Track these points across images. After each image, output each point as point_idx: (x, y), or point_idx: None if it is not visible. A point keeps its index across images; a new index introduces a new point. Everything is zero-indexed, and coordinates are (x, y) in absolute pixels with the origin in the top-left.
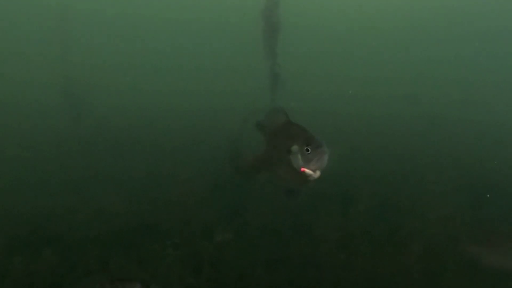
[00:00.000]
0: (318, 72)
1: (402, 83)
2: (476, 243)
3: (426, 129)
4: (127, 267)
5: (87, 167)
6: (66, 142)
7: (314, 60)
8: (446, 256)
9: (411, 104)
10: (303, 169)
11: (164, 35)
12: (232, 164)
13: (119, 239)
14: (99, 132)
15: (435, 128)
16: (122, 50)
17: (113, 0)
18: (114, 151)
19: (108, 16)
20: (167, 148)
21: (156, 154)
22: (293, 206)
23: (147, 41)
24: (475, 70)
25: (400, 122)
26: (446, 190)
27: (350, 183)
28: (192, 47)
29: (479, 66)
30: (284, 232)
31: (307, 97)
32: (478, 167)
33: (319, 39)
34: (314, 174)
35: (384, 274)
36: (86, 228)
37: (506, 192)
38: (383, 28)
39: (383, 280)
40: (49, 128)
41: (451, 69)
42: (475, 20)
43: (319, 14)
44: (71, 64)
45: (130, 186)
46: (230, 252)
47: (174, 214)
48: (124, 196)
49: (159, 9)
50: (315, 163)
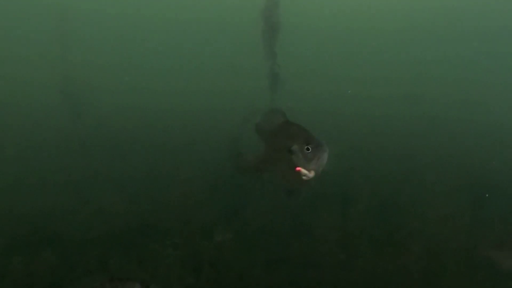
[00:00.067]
0: (318, 72)
1: (402, 83)
2: (492, 247)
3: (426, 129)
4: (127, 267)
5: (87, 167)
6: (66, 142)
7: (313, 60)
8: (446, 256)
9: (411, 104)
10: (298, 168)
11: (164, 35)
12: (234, 163)
13: (119, 239)
14: (99, 132)
15: (435, 128)
16: (122, 50)
17: (113, 0)
18: (114, 151)
19: (108, 16)
20: (167, 148)
21: (156, 154)
22: (293, 206)
23: (147, 41)
24: (475, 70)
25: (400, 122)
26: (446, 190)
27: (350, 183)
28: (192, 47)
29: (479, 66)
30: (284, 232)
31: (306, 97)
32: (478, 167)
33: (318, 39)
34: (309, 174)
35: (384, 274)
36: (86, 228)
37: (505, 192)
38: (383, 28)
39: (383, 280)
40: (49, 128)
41: (451, 69)
42: (475, 20)
43: (319, 14)
44: (71, 64)
45: (130, 186)
46: (230, 252)
47: (174, 214)
48: (124, 196)
49: (159, 9)
50: (315, 162)
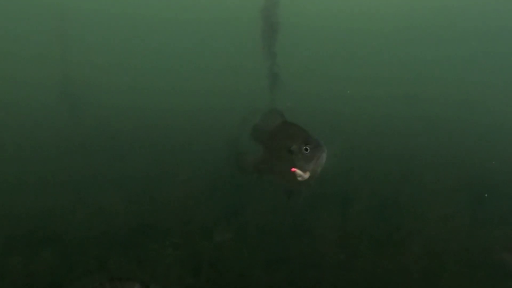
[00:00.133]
0: (317, 72)
1: (402, 83)
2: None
3: (426, 129)
4: (126, 267)
5: (87, 167)
6: (65, 142)
7: (313, 60)
8: (446, 256)
9: (411, 104)
10: (294, 169)
11: (164, 35)
12: (233, 164)
13: (118, 239)
14: (98, 132)
15: (435, 128)
16: (121, 50)
17: (113, 0)
18: (114, 151)
19: (108, 16)
20: (166, 148)
21: (155, 154)
22: (293, 206)
23: (147, 41)
24: (475, 70)
25: (400, 122)
26: (445, 190)
27: (350, 183)
28: (192, 47)
29: (479, 66)
30: (284, 232)
31: (306, 97)
32: (478, 167)
33: (318, 39)
34: (304, 175)
35: (384, 274)
36: (86, 228)
37: (505, 192)
38: (383, 28)
39: (383, 280)
40: (48, 128)
41: (451, 69)
42: (475, 20)
43: (318, 14)
44: (71, 63)
45: (130, 186)
46: (230, 252)
47: (173, 214)
48: (123, 196)
49: (159, 9)
50: (314, 163)
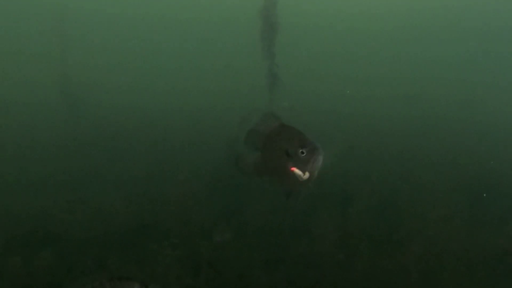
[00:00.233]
0: (317, 72)
1: (402, 83)
2: None
3: (426, 129)
4: (125, 267)
5: (86, 167)
6: (65, 141)
7: (312, 60)
8: (445, 256)
9: (411, 104)
10: (293, 168)
11: (164, 35)
12: (234, 164)
13: (117, 239)
14: (98, 132)
15: (434, 128)
16: (122, 50)
17: (113, 0)
18: (114, 151)
19: (108, 16)
20: (166, 148)
21: (155, 154)
22: (292, 206)
23: (147, 41)
24: (475, 70)
25: (400, 122)
26: (445, 190)
27: (349, 183)
28: (191, 47)
29: (479, 66)
30: (284, 232)
31: (305, 97)
32: (478, 167)
33: (317, 39)
34: (303, 175)
35: (383, 274)
36: (85, 228)
37: (504, 192)
38: (383, 28)
39: (383, 280)
40: (48, 128)
41: (451, 69)
42: (474, 20)
43: (317, 14)
44: (70, 63)
45: (129, 186)
46: (229, 252)
47: (173, 214)
48: (123, 196)
49: (159, 9)
50: (310, 165)
